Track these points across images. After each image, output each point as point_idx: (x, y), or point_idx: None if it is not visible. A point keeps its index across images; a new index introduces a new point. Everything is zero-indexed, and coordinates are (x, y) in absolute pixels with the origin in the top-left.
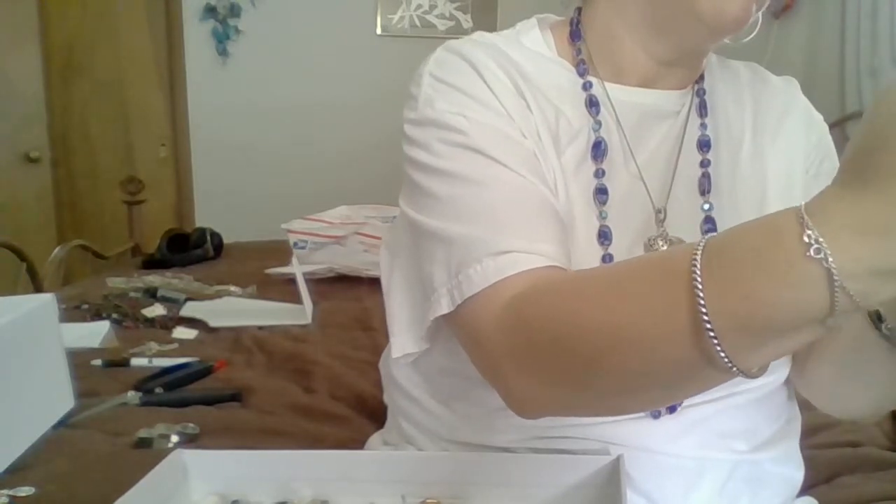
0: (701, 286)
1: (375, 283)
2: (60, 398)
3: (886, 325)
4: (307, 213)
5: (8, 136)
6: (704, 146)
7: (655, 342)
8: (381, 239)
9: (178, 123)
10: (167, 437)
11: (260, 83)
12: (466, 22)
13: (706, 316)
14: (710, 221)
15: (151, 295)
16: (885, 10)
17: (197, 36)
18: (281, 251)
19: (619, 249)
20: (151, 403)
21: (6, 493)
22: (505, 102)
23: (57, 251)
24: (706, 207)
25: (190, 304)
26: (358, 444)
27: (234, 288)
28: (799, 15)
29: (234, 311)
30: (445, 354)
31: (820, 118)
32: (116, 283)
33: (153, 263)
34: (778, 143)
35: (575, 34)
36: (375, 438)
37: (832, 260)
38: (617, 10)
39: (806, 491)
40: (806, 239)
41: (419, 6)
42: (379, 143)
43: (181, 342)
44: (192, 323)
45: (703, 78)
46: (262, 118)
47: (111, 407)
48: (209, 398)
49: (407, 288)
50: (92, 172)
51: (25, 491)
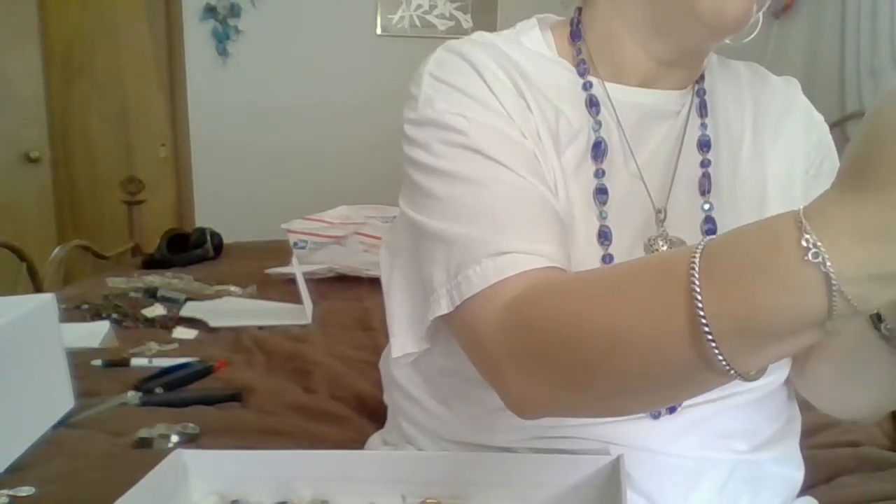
0: (699, 289)
1: (375, 283)
2: (60, 398)
3: (886, 325)
4: (307, 213)
5: (8, 136)
6: (704, 146)
7: (654, 344)
8: (381, 239)
9: (178, 123)
10: (167, 437)
11: (260, 83)
12: (466, 22)
13: (704, 319)
14: (710, 221)
15: (151, 295)
16: (885, 10)
17: (197, 36)
18: (281, 251)
19: (619, 249)
20: (151, 403)
21: (6, 493)
22: (505, 103)
23: (57, 251)
24: (706, 207)
25: (190, 304)
26: (358, 444)
27: (234, 288)
28: (799, 15)
29: (234, 311)
30: (445, 354)
31: (820, 118)
32: (116, 283)
33: (153, 263)
34: (778, 143)
35: (575, 34)
36: (375, 438)
37: (830, 264)
38: (617, 10)
39: (806, 491)
40: (804, 243)
41: (419, 6)
42: (379, 143)
43: (181, 342)
44: (192, 323)
45: (703, 78)
46: (262, 118)
47: (111, 407)
48: (209, 398)
49: (407, 288)
50: (92, 172)
51: (25, 491)
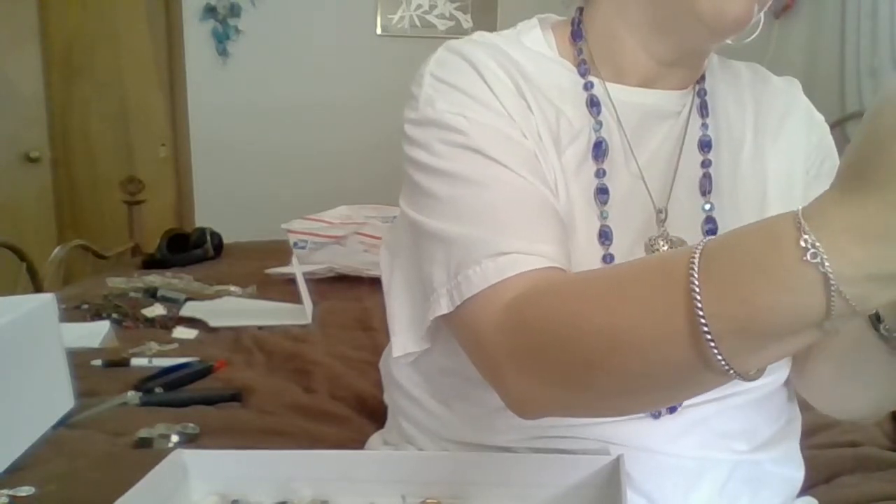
0: (698, 289)
1: (375, 283)
2: (60, 398)
3: (885, 325)
4: (307, 213)
5: (8, 136)
6: (705, 146)
7: (654, 344)
8: (381, 239)
9: (178, 123)
10: (167, 437)
11: (260, 83)
12: (466, 22)
13: (703, 319)
14: (711, 221)
15: (151, 295)
16: (885, 10)
17: (197, 36)
18: (281, 251)
19: (619, 249)
20: (151, 403)
21: (6, 493)
22: (505, 103)
23: (57, 251)
24: (707, 208)
25: (190, 304)
26: (358, 444)
27: (234, 288)
28: (799, 15)
29: (234, 311)
30: (445, 354)
31: (821, 119)
32: (116, 283)
33: (153, 263)
34: (779, 143)
35: (576, 34)
36: (375, 438)
37: (829, 264)
38: (618, 10)
39: (806, 491)
40: (803, 243)
41: (419, 6)
42: (379, 143)
43: (181, 342)
44: (192, 323)
45: (704, 78)
46: (262, 118)
47: (111, 407)
48: (209, 398)
49: (407, 288)
50: (92, 172)
51: (25, 491)
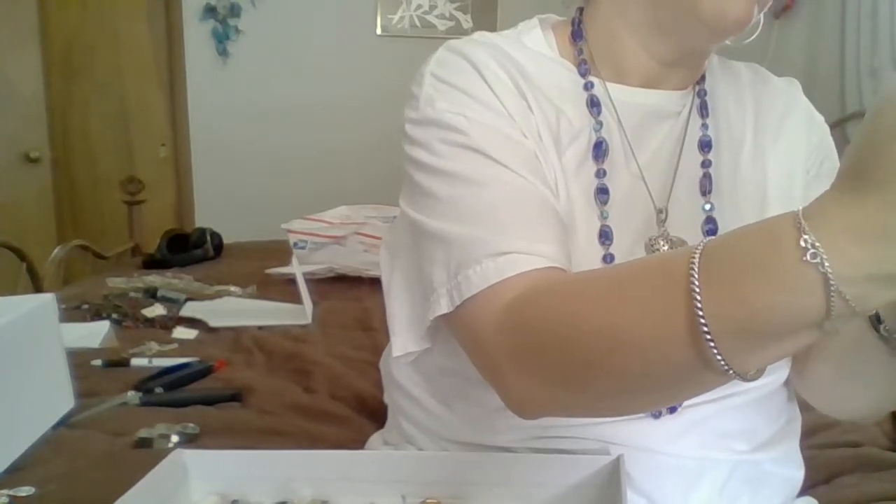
0: (698, 289)
1: (375, 283)
2: (60, 398)
3: (885, 326)
4: (307, 213)
5: (8, 136)
6: (706, 146)
7: (654, 344)
8: (381, 239)
9: (178, 123)
10: (167, 437)
11: (260, 83)
12: (466, 22)
13: (703, 319)
14: (711, 222)
15: (151, 295)
16: (885, 10)
17: (197, 36)
18: (281, 251)
19: (620, 249)
20: (151, 403)
21: (6, 493)
22: (506, 103)
23: (57, 251)
24: (707, 208)
25: (190, 304)
26: (358, 444)
27: (234, 288)
28: (799, 15)
29: (234, 311)
30: (445, 354)
31: (821, 119)
32: (116, 283)
33: (153, 263)
34: (779, 143)
35: (576, 34)
36: (375, 438)
37: (829, 264)
38: (618, 10)
39: (806, 491)
40: (802, 244)
41: (419, 6)
42: (379, 143)
43: (181, 342)
44: (192, 323)
45: (704, 79)
46: (262, 118)
47: (111, 407)
48: (209, 398)
49: (407, 287)
50: (92, 172)
51: (25, 491)
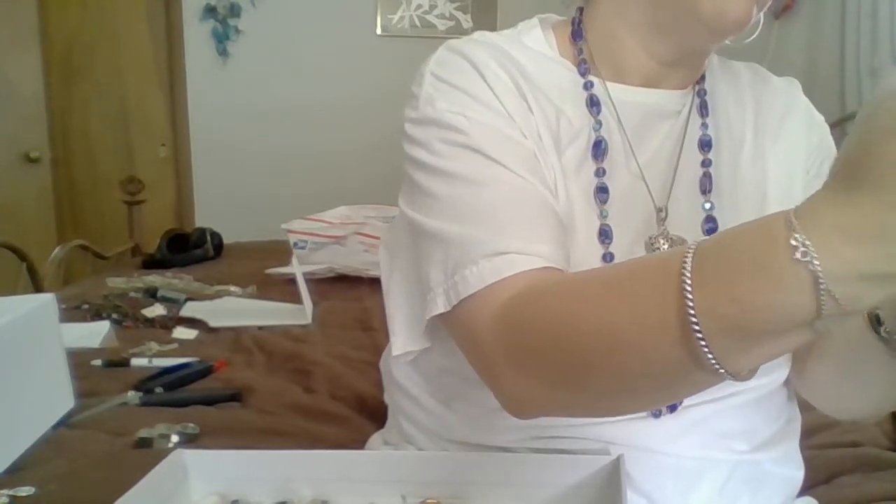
0: (690, 287)
1: (375, 283)
2: (60, 398)
3: (885, 328)
4: (307, 213)
5: (8, 136)
6: (705, 146)
7: (647, 343)
8: (380, 239)
9: (178, 123)
10: (167, 437)
11: (260, 83)
12: (466, 22)
13: (694, 317)
14: (711, 221)
15: (151, 295)
16: (885, 10)
17: (197, 36)
18: (281, 251)
19: (619, 248)
20: (151, 403)
21: (6, 493)
22: (506, 102)
23: (57, 251)
24: (707, 207)
25: (190, 304)
26: (358, 444)
27: (234, 288)
28: (799, 15)
29: (234, 311)
30: (444, 354)
31: (821, 119)
32: (116, 283)
33: (153, 263)
34: (779, 143)
35: (576, 34)
36: (375, 438)
37: (819, 263)
38: (618, 10)
39: (806, 491)
40: (793, 242)
41: (419, 6)
42: (379, 143)
43: (181, 342)
44: (192, 323)
45: (704, 78)
46: (262, 118)
47: (111, 407)
48: (209, 398)
49: (406, 287)
50: (92, 172)
51: (25, 491)
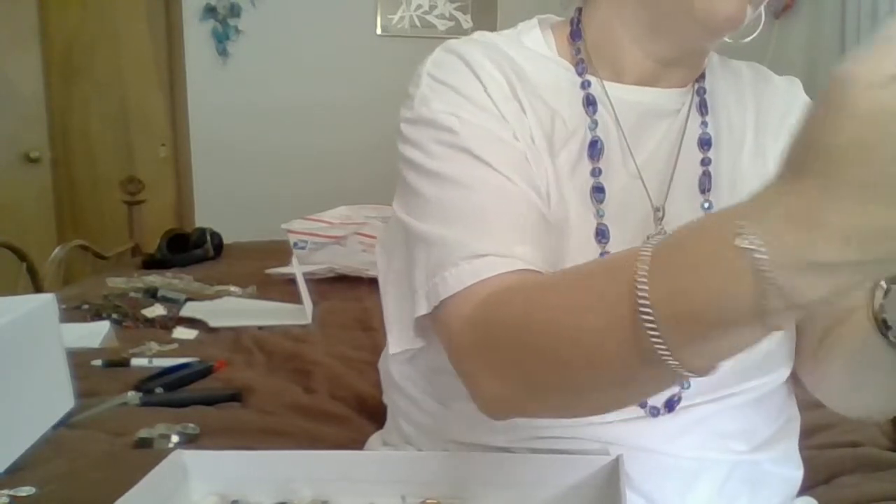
0: (644, 280)
1: (375, 283)
2: (60, 398)
3: (893, 333)
4: (307, 213)
5: (8, 136)
6: (705, 144)
7: (601, 338)
8: None
9: (178, 123)
10: (167, 437)
11: (260, 83)
12: (466, 22)
13: (644, 309)
14: None
15: (151, 295)
16: (884, 10)
17: (197, 36)
18: (281, 251)
19: (617, 248)
20: (151, 403)
21: (6, 493)
22: (499, 104)
23: (57, 251)
24: (706, 206)
25: (190, 304)
26: (358, 444)
27: (234, 288)
28: (799, 15)
29: (234, 311)
30: (439, 353)
31: None
32: (116, 283)
33: (153, 263)
34: (780, 142)
35: (575, 34)
36: (375, 439)
37: (762, 251)
38: (615, 10)
39: (805, 491)
40: (738, 230)
41: (419, 6)
42: (379, 143)
43: (181, 342)
44: (192, 323)
45: (704, 76)
46: (262, 118)
47: (111, 407)
48: (209, 398)
49: (401, 286)
50: (92, 172)
51: (25, 491)
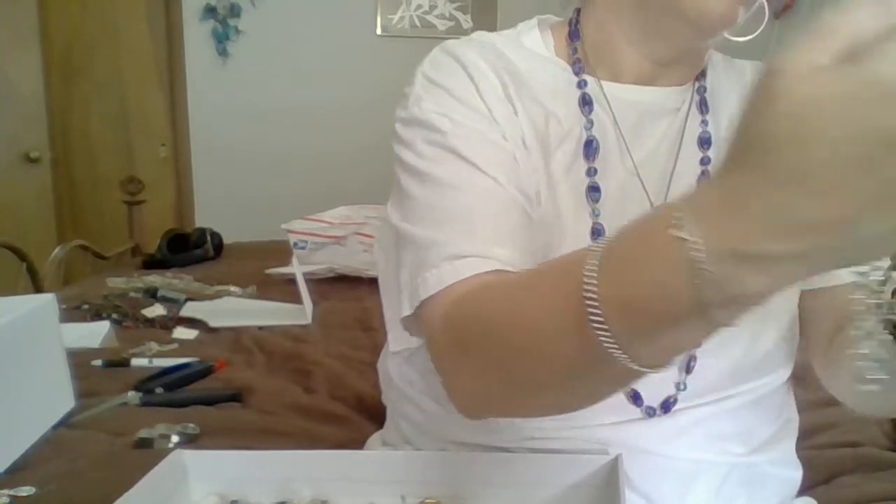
0: (593, 274)
1: (375, 283)
2: (60, 398)
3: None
4: (307, 213)
5: (8, 136)
6: (705, 143)
7: (554, 334)
8: None
9: (178, 123)
10: (167, 437)
11: (260, 83)
12: (466, 22)
13: (590, 302)
14: None
15: (151, 295)
16: None
17: (197, 36)
18: (281, 251)
19: None
20: (151, 403)
21: (6, 493)
22: (491, 105)
23: (57, 251)
24: None
25: (190, 304)
26: (358, 444)
27: (234, 288)
28: (799, 15)
29: (234, 311)
30: None
31: None
32: (116, 283)
33: (153, 263)
34: None
35: (573, 34)
36: (375, 438)
37: (694, 240)
38: (612, 11)
39: (805, 491)
40: (674, 220)
41: (419, 6)
42: (379, 143)
43: (181, 342)
44: (192, 323)
45: (704, 75)
46: (262, 118)
47: (111, 407)
48: (209, 398)
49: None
50: (92, 172)
51: (25, 491)
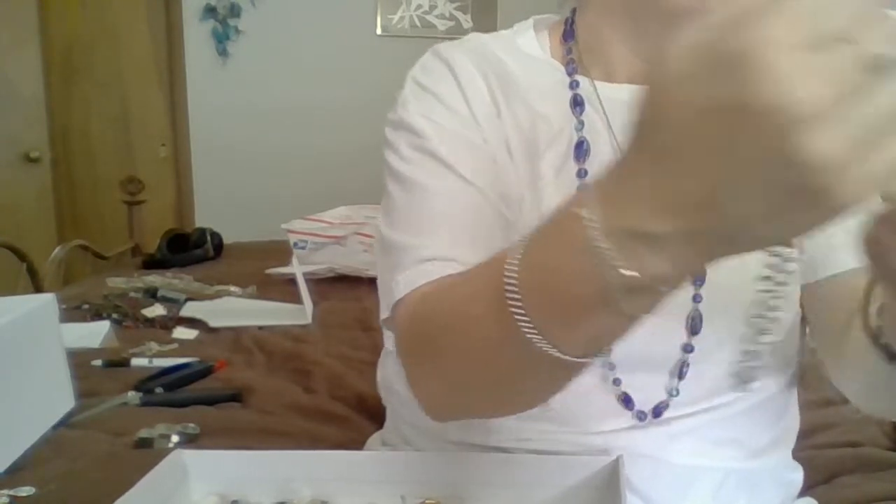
0: (515, 262)
1: (375, 283)
2: (60, 398)
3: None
4: (307, 213)
5: (8, 136)
6: None
7: (484, 326)
8: None
9: (178, 123)
10: (167, 437)
11: (260, 83)
12: (466, 22)
13: (509, 289)
14: None
15: (151, 295)
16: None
17: (197, 36)
18: (281, 251)
19: None
20: (151, 403)
21: (6, 493)
22: (475, 109)
23: (57, 251)
24: None
25: (190, 304)
26: (358, 444)
27: (234, 288)
28: None
29: (234, 311)
30: None
31: None
32: (116, 283)
33: (153, 263)
34: None
35: (567, 34)
36: (375, 438)
37: (592, 220)
38: (606, 12)
39: (806, 491)
40: (581, 202)
41: (419, 6)
42: (379, 143)
43: (181, 342)
44: (192, 323)
45: None
46: (262, 118)
47: (111, 407)
48: (209, 398)
49: None
50: (92, 172)
51: (25, 491)
